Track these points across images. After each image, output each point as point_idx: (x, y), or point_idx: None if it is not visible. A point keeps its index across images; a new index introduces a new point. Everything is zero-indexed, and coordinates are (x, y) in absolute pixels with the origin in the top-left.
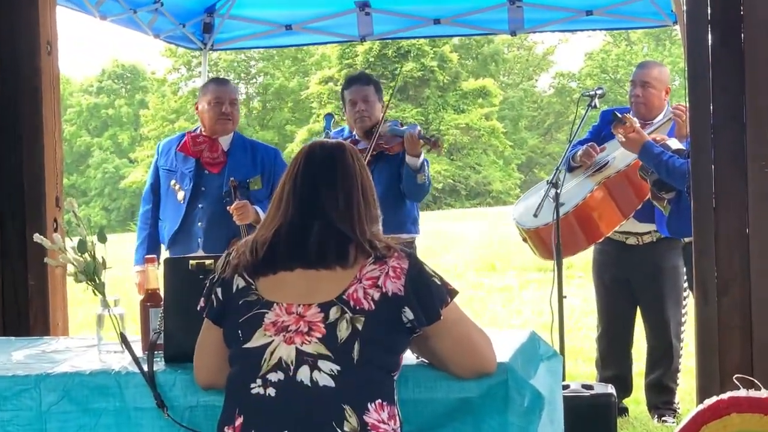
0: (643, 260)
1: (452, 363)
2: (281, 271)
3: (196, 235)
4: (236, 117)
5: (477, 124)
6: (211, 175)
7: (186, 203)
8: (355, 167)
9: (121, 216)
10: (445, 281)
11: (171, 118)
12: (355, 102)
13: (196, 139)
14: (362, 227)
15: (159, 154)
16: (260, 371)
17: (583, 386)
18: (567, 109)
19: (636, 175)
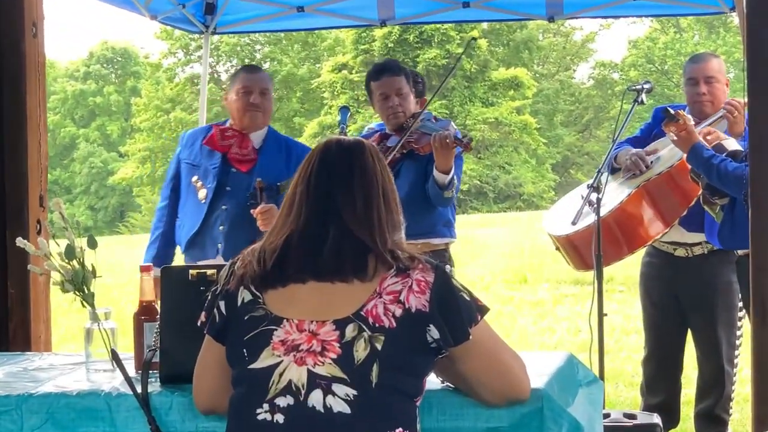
0: (692, 275)
1: (481, 388)
2: (292, 283)
3: (216, 240)
4: (268, 109)
5: (507, 118)
6: (238, 173)
7: (207, 203)
8: (376, 168)
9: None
10: (475, 296)
11: (166, 108)
12: (387, 96)
13: (224, 133)
14: (383, 235)
15: (182, 145)
16: (267, 395)
17: (626, 415)
18: (608, 103)
19: (681, 178)
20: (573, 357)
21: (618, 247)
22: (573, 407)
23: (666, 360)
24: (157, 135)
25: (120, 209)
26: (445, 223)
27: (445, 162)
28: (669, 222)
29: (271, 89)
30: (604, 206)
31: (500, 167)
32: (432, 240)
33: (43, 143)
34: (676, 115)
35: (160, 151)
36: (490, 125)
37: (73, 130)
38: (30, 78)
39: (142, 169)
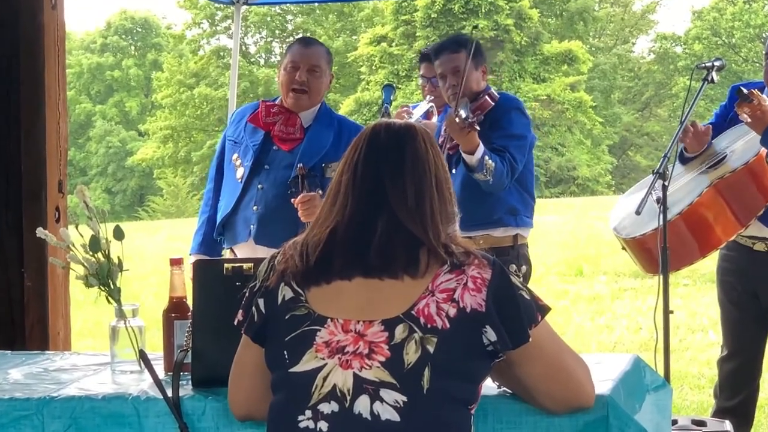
0: None
1: (541, 394)
2: (337, 279)
3: (249, 221)
4: (316, 89)
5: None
6: (279, 151)
7: (243, 181)
8: (428, 154)
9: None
10: (535, 295)
11: (189, 83)
12: (444, 76)
13: (270, 109)
14: (436, 228)
15: (230, 122)
16: (310, 401)
17: (694, 422)
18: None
19: (760, 172)
20: (639, 360)
21: (690, 250)
22: (640, 414)
23: (745, 361)
24: (179, 112)
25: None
26: (509, 210)
27: (465, 142)
28: (745, 222)
29: (324, 66)
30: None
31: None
32: (493, 232)
33: (63, 124)
34: (750, 95)
35: (183, 130)
36: (541, 103)
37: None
38: (49, 53)
39: (163, 149)
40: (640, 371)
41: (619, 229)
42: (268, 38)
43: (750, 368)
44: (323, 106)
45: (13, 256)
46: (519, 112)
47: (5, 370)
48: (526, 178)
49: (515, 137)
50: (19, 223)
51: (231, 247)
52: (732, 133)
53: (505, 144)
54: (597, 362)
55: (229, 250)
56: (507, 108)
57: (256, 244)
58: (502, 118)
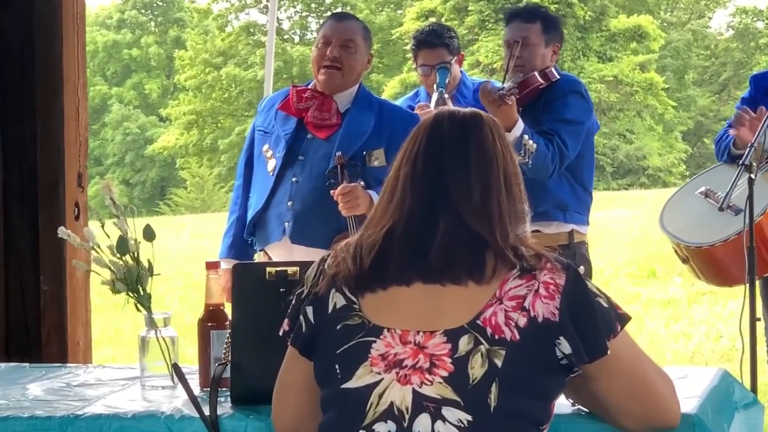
0: None
1: (621, 413)
2: (394, 285)
3: (283, 218)
4: (350, 66)
5: (629, 76)
6: (315, 140)
7: (275, 174)
8: (496, 146)
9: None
10: (614, 303)
11: (216, 63)
12: (509, 44)
13: (302, 94)
14: (504, 228)
15: (259, 111)
16: (364, 420)
17: None
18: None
19: None
20: (728, 374)
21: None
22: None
23: None
24: (205, 95)
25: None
26: (557, 203)
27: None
28: None
29: (359, 42)
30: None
31: (620, 135)
32: (543, 228)
33: (83, 111)
34: None
35: (209, 115)
36: (607, 84)
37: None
38: (67, 33)
39: (187, 136)
40: (729, 387)
41: (682, 238)
42: (303, 13)
43: None
44: (361, 88)
45: (29, 257)
46: (578, 95)
47: (23, 384)
48: (582, 168)
49: (568, 122)
50: (35, 221)
51: (263, 248)
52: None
53: (555, 128)
54: (681, 376)
55: (261, 253)
56: (565, 90)
57: (292, 244)
58: (556, 101)
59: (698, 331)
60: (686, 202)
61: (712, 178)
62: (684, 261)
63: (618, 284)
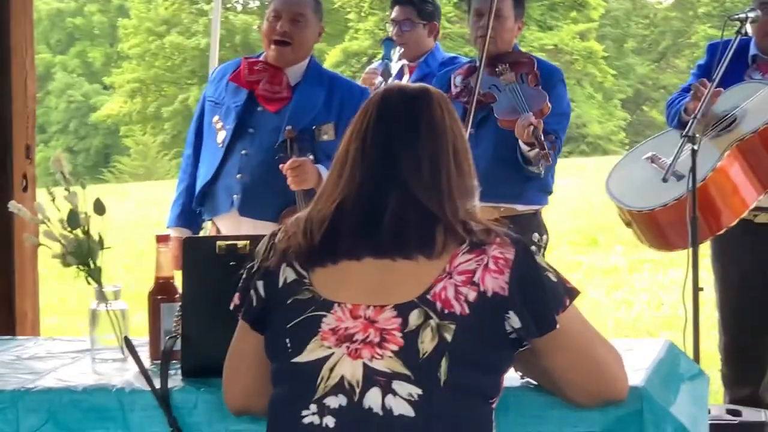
0: None
1: (570, 386)
2: (344, 260)
3: (232, 190)
4: (300, 40)
5: (569, 45)
6: (264, 113)
7: (225, 147)
8: (445, 122)
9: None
10: (562, 277)
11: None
12: (480, 14)
13: (253, 66)
14: (453, 203)
15: (210, 81)
16: (315, 394)
17: (729, 411)
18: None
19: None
20: (674, 346)
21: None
22: (675, 406)
23: (752, 347)
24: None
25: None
26: (541, 187)
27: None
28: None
29: (309, 15)
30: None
31: None
32: (518, 206)
33: (30, 83)
34: None
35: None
36: (548, 53)
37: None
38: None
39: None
40: (675, 359)
41: (626, 202)
42: None
43: (758, 355)
44: (312, 62)
45: None
46: (564, 84)
47: None
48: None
49: (563, 115)
50: None
51: (212, 218)
52: (735, 94)
53: (556, 127)
54: (627, 349)
55: (210, 222)
56: (555, 80)
57: (240, 216)
58: (550, 92)
59: (640, 300)
60: (632, 166)
61: (660, 144)
62: (627, 225)
63: (560, 253)
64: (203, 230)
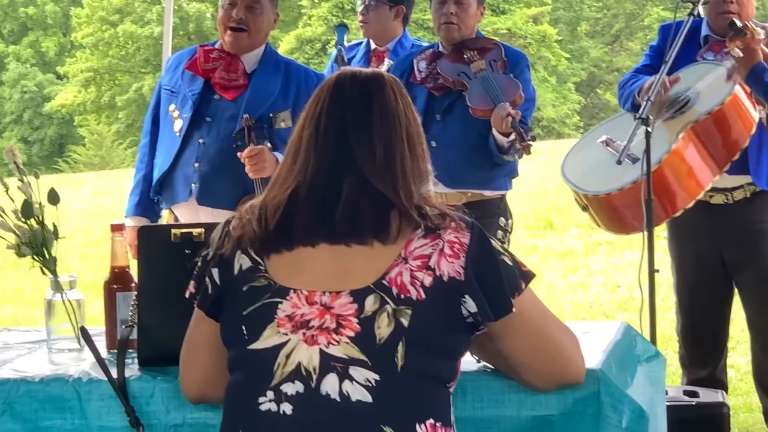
0: (736, 224)
1: (526, 370)
2: (300, 246)
3: (190, 179)
4: (257, 27)
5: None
6: (221, 101)
7: (182, 135)
8: (398, 106)
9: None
10: (518, 260)
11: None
12: (443, 0)
13: (209, 54)
14: (408, 188)
15: (166, 69)
16: (272, 381)
17: (686, 393)
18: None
19: (735, 115)
20: (630, 328)
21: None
22: (632, 388)
23: (710, 328)
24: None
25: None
26: (508, 172)
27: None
28: (723, 166)
29: (264, 2)
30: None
31: None
32: (485, 192)
33: None
34: (744, 28)
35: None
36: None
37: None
38: None
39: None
40: (632, 341)
41: (582, 187)
42: None
43: (717, 336)
44: (268, 49)
45: None
46: (529, 69)
47: None
48: None
49: (532, 101)
50: None
51: (170, 207)
52: (688, 75)
53: (525, 113)
54: (584, 331)
55: (168, 211)
56: (522, 66)
57: (198, 205)
58: (518, 78)
59: (596, 282)
60: (587, 150)
61: (614, 127)
62: (583, 209)
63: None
64: (161, 219)
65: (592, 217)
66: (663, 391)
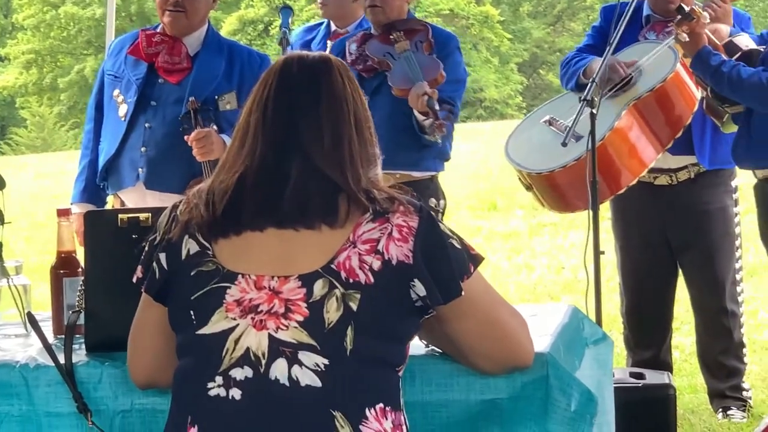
0: (680, 204)
1: (475, 353)
2: (247, 230)
3: (136, 164)
4: (194, 8)
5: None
6: (166, 84)
7: (127, 120)
8: (346, 90)
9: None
10: (466, 243)
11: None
12: None
13: (151, 38)
14: (356, 172)
15: (108, 54)
16: (221, 366)
17: (633, 374)
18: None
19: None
20: (578, 311)
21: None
22: (580, 371)
23: (655, 309)
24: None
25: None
26: (438, 154)
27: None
28: (666, 143)
29: None
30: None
31: None
32: (414, 173)
33: None
34: (692, 12)
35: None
36: (444, 18)
37: None
38: None
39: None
40: (579, 324)
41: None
42: None
43: (661, 316)
44: (210, 31)
45: None
46: (459, 51)
47: None
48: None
49: (461, 82)
50: None
51: (116, 192)
52: (630, 54)
53: (452, 94)
54: (532, 314)
55: (113, 196)
56: (451, 48)
57: (147, 189)
58: (445, 59)
59: (540, 263)
60: (531, 130)
61: (557, 107)
62: (527, 188)
63: (459, 218)
64: (107, 205)
65: (536, 197)
66: (610, 374)
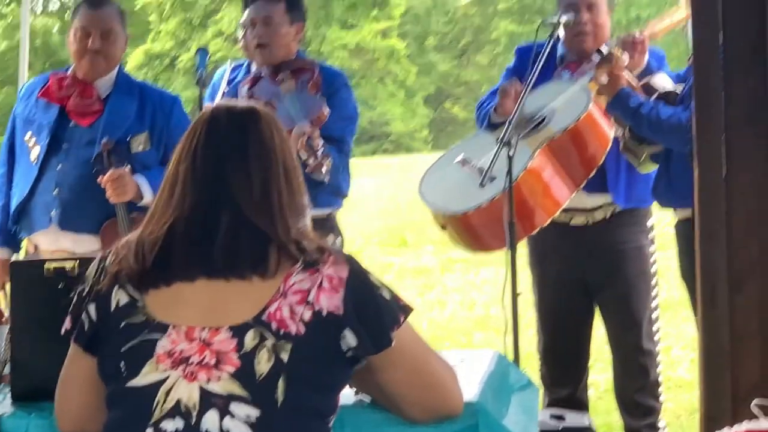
0: (597, 245)
1: (406, 402)
2: (178, 281)
3: (49, 207)
4: (113, 54)
5: (371, 43)
6: (77, 128)
7: (39, 163)
8: (274, 141)
9: None
10: (395, 294)
11: None
12: (254, 23)
13: (62, 82)
14: (285, 222)
15: (19, 98)
16: (151, 418)
17: (553, 416)
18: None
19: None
20: (503, 357)
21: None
22: (507, 419)
23: (570, 349)
24: None
25: None
26: (332, 191)
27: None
28: (579, 183)
29: (118, 29)
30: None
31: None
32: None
33: None
34: (611, 56)
35: None
36: (350, 52)
37: None
38: None
39: None
40: (505, 370)
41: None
42: None
43: (577, 356)
44: (121, 73)
45: None
46: (348, 88)
47: None
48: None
49: (351, 119)
50: None
51: (29, 236)
52: (543, 94)
53: (342, 132)
54: (458, 361)
55: (27, 240)
56: (338, 85)
57: (60, 230)
58: (333, 97)
59: (452, 299)
60: (444, 170)
61: (469, 146)
62: (442, 228)
63: (369, 254)
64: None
65: (451, 237)
66: (536, 419)
